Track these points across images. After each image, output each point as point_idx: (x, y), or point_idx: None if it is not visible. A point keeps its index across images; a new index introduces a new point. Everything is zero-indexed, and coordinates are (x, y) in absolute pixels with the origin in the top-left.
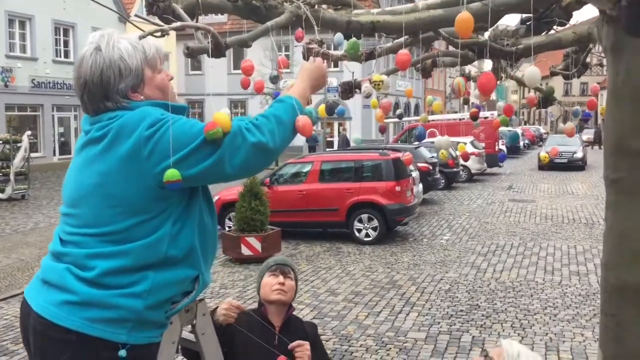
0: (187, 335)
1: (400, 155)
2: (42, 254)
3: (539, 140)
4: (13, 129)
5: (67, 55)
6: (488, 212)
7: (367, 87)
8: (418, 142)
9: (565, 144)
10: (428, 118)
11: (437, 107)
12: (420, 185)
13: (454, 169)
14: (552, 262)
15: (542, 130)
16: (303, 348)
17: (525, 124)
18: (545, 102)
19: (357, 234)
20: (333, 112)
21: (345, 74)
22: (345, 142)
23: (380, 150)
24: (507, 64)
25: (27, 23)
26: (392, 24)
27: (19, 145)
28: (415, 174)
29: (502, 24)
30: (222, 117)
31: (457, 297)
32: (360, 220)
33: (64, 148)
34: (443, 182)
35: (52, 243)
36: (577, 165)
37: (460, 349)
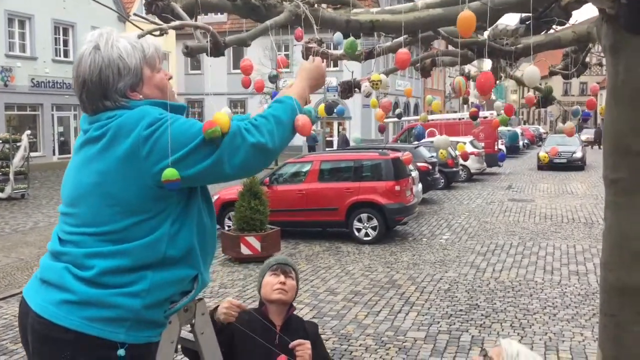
0: (186, 335)
1: (400, 155)
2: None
3: (539, 140)
4: (13, 129)
5: (66, 55)
6: (487, 211)
7: (366, 86)
8: (417, 141)
9: (565, 144)
10: (427, 117)
11: (436, 106)
12: (420, 185)
13: (454, 169)
14: (551, 261)
15: (541, 130)
16: (304, 347)
17: (525, 124)
18: (545, 101)
19: (356, 234)
20: (332, 111)
21: (345, 74)
22: (345, 141)
23: (380, 150)
24: (506, 64)
25: (26, 22)
26: (391, 23)
27: (19, 145)
28: (415, 174)
29: (501, 23)
30: (221, 116)
31: (456, 296)
32: (360, 220)
33: (64, 147)
34: (442, 181)
35: (51, 242)
36: (576, 165)
37: (460, 349)
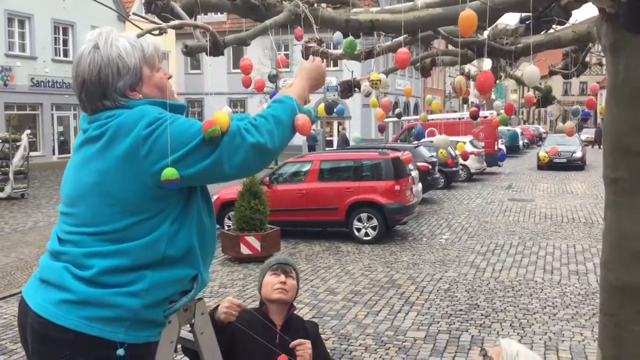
0: (185, 335)
1: (400, 155)
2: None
3: (539, 140)
4: (12, 128)
5: (66, 54)
6: (487, 211)
7: (366, 86)
8: (417, 141)
9: (565, 144)
10: (427, 117)
11: (436, 106)
12: (420, 185)
13: (454, 168)
14: (551, 261)
15: (541, 130)
16: (304, 347)
17: (525, 123)
18: (545, 101)
19: (356, 233)
20: (332, 111)
21: (345, 73)
22: (345, 141)
23: (380, 150)
24: (506, 63)
25: (26, 22)
26: (391, 23)
27: (19, 144)
28: (415, 173)
29: (501, 23)
30: (221, 116)
31: (456, 296)
32: (360, 220)
33: (64, 147)
34: (442, 181)
35: (50, 242)
36: (576, 165)
37: (460, 348)
